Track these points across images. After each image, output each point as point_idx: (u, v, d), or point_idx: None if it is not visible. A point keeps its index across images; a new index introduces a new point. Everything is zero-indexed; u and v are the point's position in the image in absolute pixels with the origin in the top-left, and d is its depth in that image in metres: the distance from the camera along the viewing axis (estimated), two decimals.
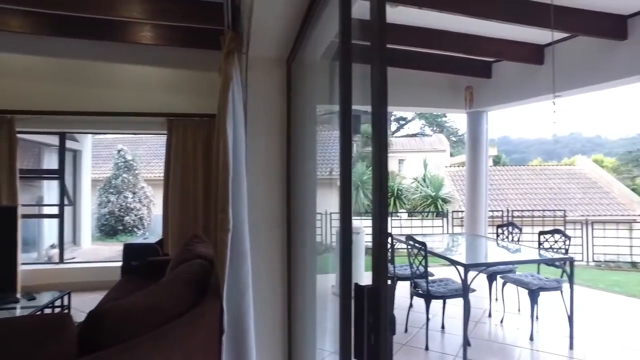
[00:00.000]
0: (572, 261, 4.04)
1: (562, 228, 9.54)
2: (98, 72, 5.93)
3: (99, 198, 13.47)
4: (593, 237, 9.39)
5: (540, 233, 4.88)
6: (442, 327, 4.50)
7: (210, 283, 2.56)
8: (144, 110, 5.83)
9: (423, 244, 3.89)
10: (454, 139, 41.50)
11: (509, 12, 4.61)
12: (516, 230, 5.26)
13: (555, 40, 5.92)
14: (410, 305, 4.92)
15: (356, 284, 1.04)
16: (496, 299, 5.19)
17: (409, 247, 4.15)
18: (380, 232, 0.96)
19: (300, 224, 2.38)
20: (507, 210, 9.96)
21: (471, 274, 3.91)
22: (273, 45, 2.29)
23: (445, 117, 42.36)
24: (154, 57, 5.46)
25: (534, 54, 6.20)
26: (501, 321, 4.72)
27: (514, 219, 9.80)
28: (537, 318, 4.72)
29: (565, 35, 5.67)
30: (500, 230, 5.47)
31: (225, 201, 2.08)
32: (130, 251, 4.73)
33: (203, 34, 4.77)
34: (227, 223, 2.05)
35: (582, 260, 9.54)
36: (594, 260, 9.42)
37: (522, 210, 10.72)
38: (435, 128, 42.04)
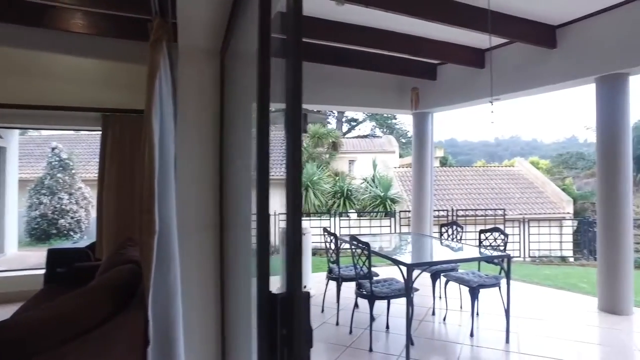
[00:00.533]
0: (509, 258, 4.17)
1: (502, 226, 9.99)
2: (24, 61, 5.42)
3: (29, 200, 12.49)
4: (529, 234, 9.91)
5: (481, 232, 5.02)
6: (387, 327, 4.50)
7: (138, 290, 2.36)
8: (76, 105, 5.40)
9: (366, 244, 3.86)
10: (403, 140, 42.63)
11: (451, 15, 4.71)
12: (459, 229, 5.39)
13: (493, 46, 6.16)
14: (356, 306, 4.90)
15: (269, 292, 0.93)
16: (440, 297, 5.29)
17: (353, 247, 4.11)
18: (294, 233, 0.86)
19: (235, 226, 2.24)
20: (452, 210, 10.29)
21: (416, 273, 3.95)
22: (204, 35, 2.14)
23: (395, 118, 43.41)
24: (86, 47, 5.07)
25: (475, 57, 6.41)
26: (444, 319, 4.80)
27: (458, 218, 10.16)
28: (477, 314, 4.86)
29: (503, 41, 5.90)
30: (443, 230, 5.59)
31: (151, 201, 1.91)
32: (56, 257, 4.35)
33: (137, 23, 4.48)
34: (153, 224, 1.87)
35: (519, 257, 10.04)
36: (530, 256, 9.95)
37: (466, 210, 11.15)
38: (385, 130, 42.97)
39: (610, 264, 5.04)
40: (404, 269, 3.69)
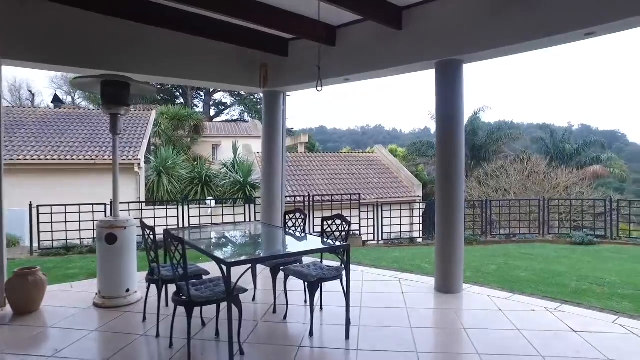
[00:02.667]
0: (347, 249, 3.82)
1: (356, 211, 10.15)
2: None
3: None
4: (382, 217, 10.25)
5: (324, 219, 4.67)
6: (217, 334, 3.85)
7: None
8: None
9: (180, 239, 3.12)
10: None
11: None
12: (302, 216, 4.97)
13: (344, 23, 5.86)
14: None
15: None
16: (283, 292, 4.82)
17: (168, 243, 3.33)
18: None
19: None
20: (309, 195, 10.11)
21: (244, 268, 3.35)
22: None
23: None
24: None
25: (327, 34, 6.03)
26: (284, 317, 4.33)
27: (315, 204, 10.01)
28: (321, 308, 4.51)
29: (355, 18, 5.62)
30: (288, 218, 5.12)
31: None
32: None
33: None
34: None
35: (373, 240, 10.33)
36: (383, 239, 10.31)
37: (323, 195, 11.11)
38: (254, 114, 42.17)
39: (444, 243, 5.17)
40: (225, 267, 3.04)
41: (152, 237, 3.70)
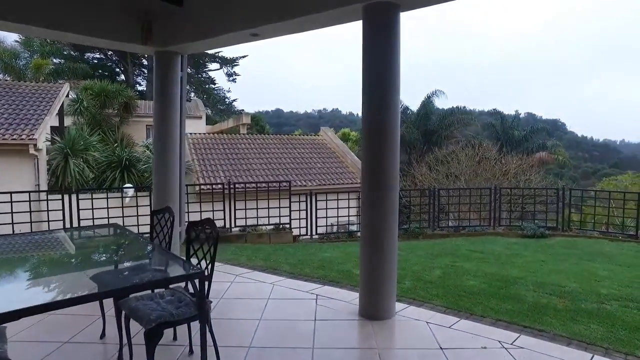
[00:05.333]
0: (199, 278, 2.41)
1: (286, 201, 8.74)
2: None
3: None
4: (317, 209, 8.92)
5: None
6: None
7: None
8: None
9: None
10: (221, 107, 40.00)
11: None
12: (171, 218, 3.49)
13: None
14: None
15: None
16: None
17: None
18: None
19: None
20: (229, 183, 8.55)
21: None
22: None
23: (215, 83, 40.37)
24: None
25: None
26: None
27: (237, 193, 8.49)
28: (191, 352, 3.10)
29: None
30: (156, 219, 3.62)
31: None
32: None
33: None
34: None
35: (307, 235, 9.00)
36: (317, 234, 8.99)
37: (247, 183, 9.55)
38: (201, 94, 39.62)
39: (371, 253, 3.88)
40: None
41: None
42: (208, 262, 2.76)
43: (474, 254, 7.13)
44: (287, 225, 8.58)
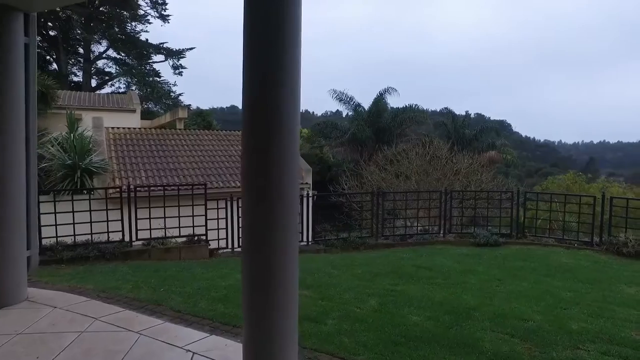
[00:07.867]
0: None
1: (202, 207, 7.25)
2: None
3: None
4: (239, 217, 7.49)
5: None
6: None
7: None
8: None
9: None
10: (167, 101, 37.33)
11: None
12: None
13: None
14: None
15: None
16: None
17: None
18: None
19: None
20: (128, 186, 6.90)
21: None
22: None
23: (160, 76, 37.75)
24: None
25: None
26: None
27: (139, 198, 6.89)
28: None
29: None
30: None
31: None
32: None
33: None
34: None
35: (227, 247, 7.57)
36: (240, 246, 7.56)
37: (151, 186, 7.90)
38: (147, 89, 36.99)
39: (257, 294, 2.58)
40: None
41: None
42: None
43: (420, 272, 6.00)
44: (203, 237, 7.10)
